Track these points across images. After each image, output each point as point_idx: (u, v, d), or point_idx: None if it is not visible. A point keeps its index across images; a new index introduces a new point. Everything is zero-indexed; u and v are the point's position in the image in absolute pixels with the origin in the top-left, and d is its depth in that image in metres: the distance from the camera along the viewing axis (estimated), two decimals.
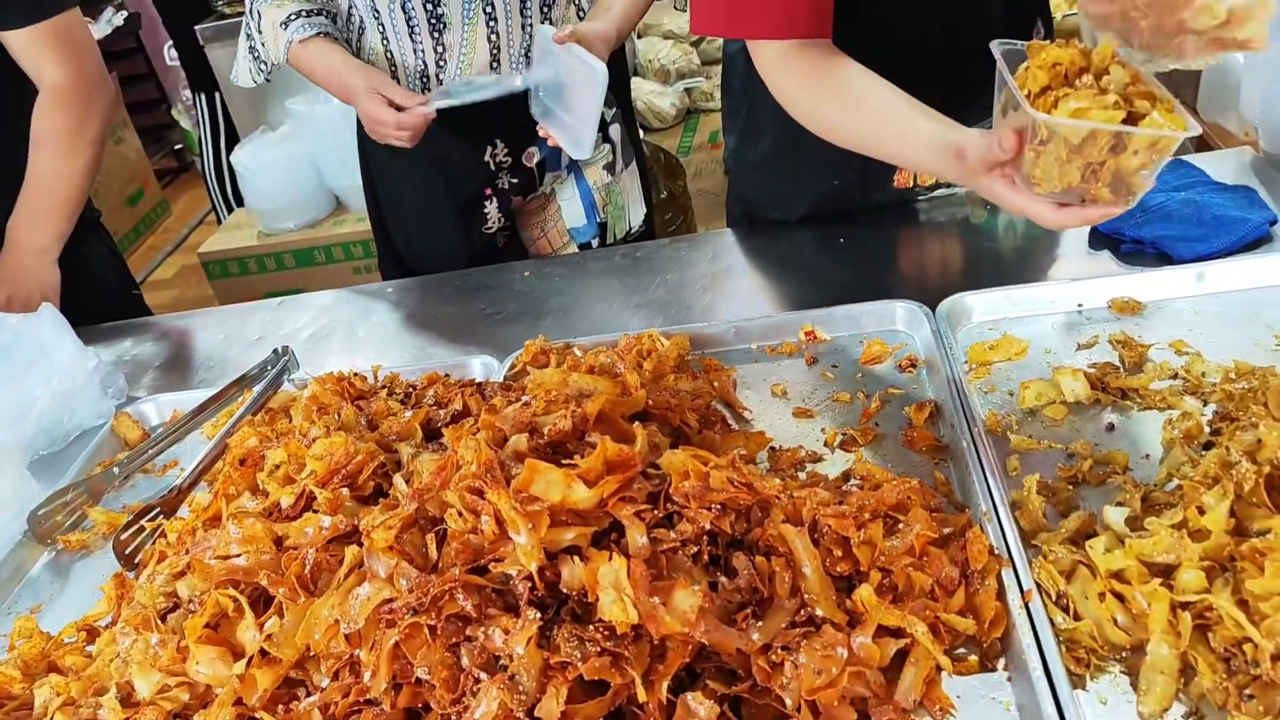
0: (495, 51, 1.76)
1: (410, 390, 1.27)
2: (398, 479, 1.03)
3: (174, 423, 1.46)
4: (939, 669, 0.85)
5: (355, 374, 1.27)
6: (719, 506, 0.89)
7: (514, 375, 1.35)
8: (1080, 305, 1.28)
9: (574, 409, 1.00)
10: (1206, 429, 1.04)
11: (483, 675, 0.82)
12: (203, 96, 3.84)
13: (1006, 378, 1.19)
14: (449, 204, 1.91)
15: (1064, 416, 1.11)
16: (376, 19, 1.74)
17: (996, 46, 1.00)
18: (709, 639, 0.83)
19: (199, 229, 5.12)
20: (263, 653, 0.90)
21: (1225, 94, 2.15)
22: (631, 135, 2.07)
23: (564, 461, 0.91)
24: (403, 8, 1.70)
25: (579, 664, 0.80)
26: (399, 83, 1.79)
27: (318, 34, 1.76)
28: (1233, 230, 1.31)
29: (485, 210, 1.93)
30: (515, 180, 1.89)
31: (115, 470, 1.37)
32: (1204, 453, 0.99)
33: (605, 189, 1.96)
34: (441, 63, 1.77)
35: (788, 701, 0.82)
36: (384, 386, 1.27)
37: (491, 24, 1.73)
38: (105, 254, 2.09)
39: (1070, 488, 1.02)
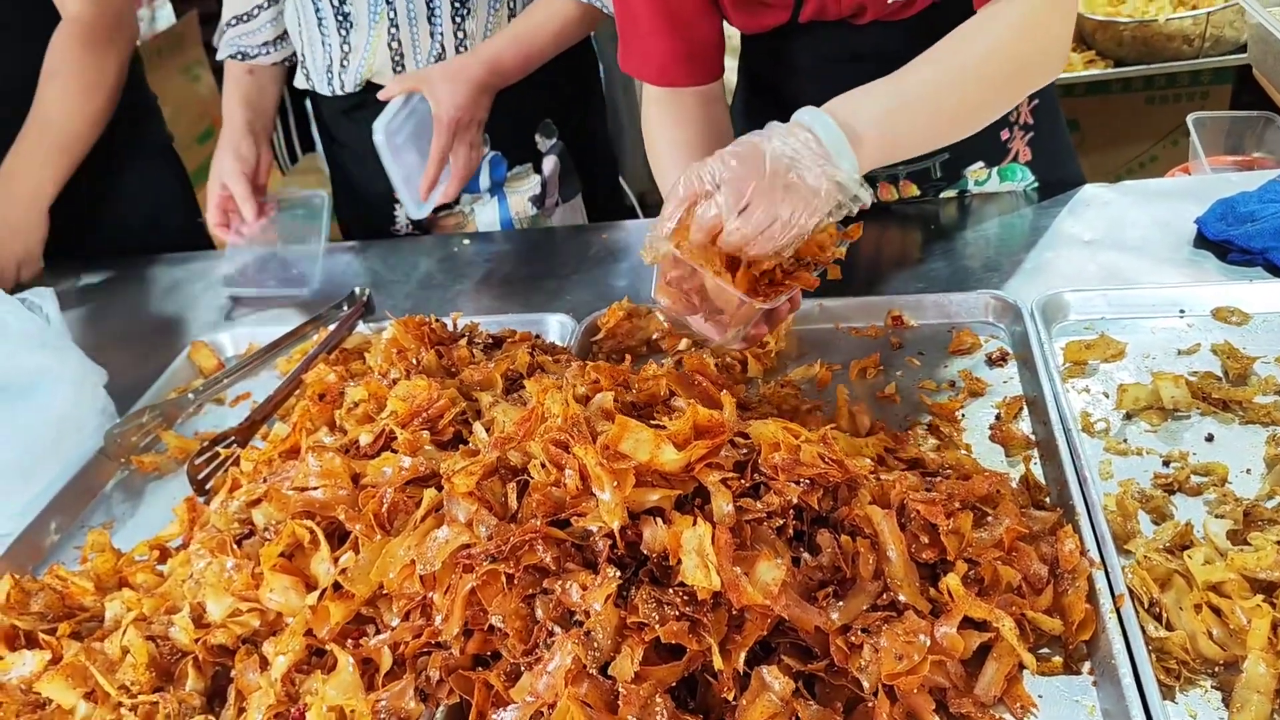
0: (399, 58, 1.70)
1: (491, 340, 1.26)
2: (478, 427, 1.02)
3: (249, 355, 1.47)
4: (1021, 667, 0.83)
5: (436, 320, 1.26)
6: (807, 481, 0.87)
7: (594, 337, 1.34)
8: (1183, 311, 1.23)
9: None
10: None
11: (556, 629, 0.81)
12: None
13: (1103, 379, 1.15)
14: (359, 199, 1.92)
15: (1161, 423, 1.07)
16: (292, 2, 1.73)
17: None
18: (789, 614, 0.81)
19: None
20: (336, 586, 0.90)
21: None
22: (597, 165, 1.99)
23: (651, 422, 0.90)
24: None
25: (656, 626, 0.78)
26: (307, 75, 1.79)
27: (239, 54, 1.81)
28: None
29: (394, 213, 1.90)
30: None
31: (190, 396, 1.38)
32: None
33: (530, 219, 1.86)
34: (345, 62, 1.72)
35: (865, 684, 0.80)
36: (463, 335, 1.26)
37: (393, 30, 1.67)
38: (174, 181, 2.08)
39: (1165, 495, 0.98)
